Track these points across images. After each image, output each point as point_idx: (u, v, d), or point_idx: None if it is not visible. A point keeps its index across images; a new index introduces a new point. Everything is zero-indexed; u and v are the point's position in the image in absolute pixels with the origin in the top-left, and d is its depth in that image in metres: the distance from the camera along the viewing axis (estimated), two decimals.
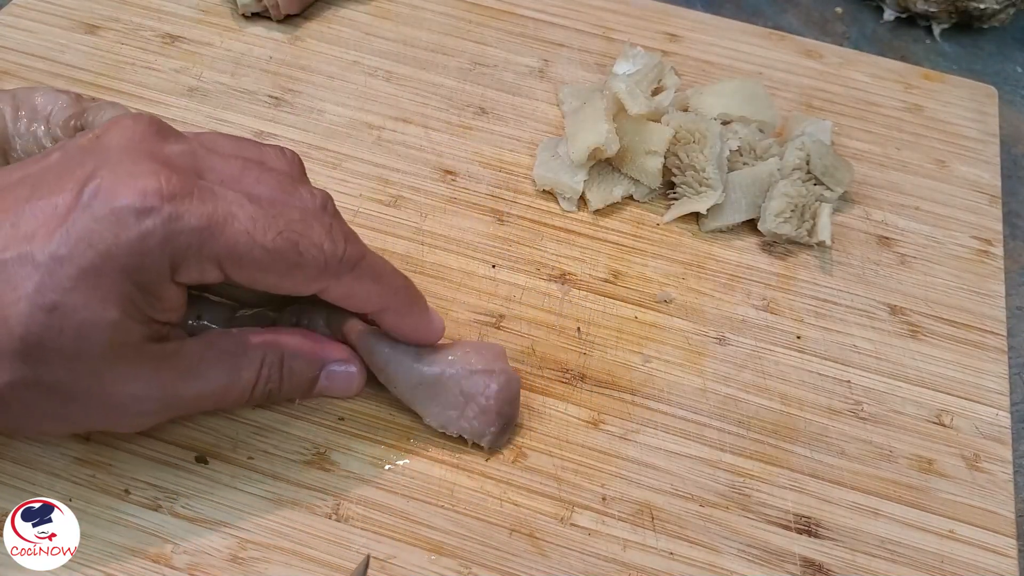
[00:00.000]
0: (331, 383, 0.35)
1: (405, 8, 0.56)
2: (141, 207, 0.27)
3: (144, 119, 0.31)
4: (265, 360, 0.33)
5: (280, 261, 0.30)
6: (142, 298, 0.29)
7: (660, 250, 0.46)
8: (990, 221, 0.50)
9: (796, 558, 0.36)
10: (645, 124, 0.46)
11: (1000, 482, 0.39)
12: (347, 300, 0.33)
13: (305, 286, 0.32)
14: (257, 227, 0.29)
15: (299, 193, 0.32)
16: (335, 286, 0.32)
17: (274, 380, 0.33)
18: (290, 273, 0.31)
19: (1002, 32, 0.64)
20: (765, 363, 0.42)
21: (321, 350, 0.35)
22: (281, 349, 0.34)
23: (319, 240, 0.31)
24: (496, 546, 0.34)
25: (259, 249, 0.29)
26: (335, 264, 0.31)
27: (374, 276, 0.33)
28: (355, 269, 0.32)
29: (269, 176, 0.31)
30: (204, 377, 0.32)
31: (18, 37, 0.50)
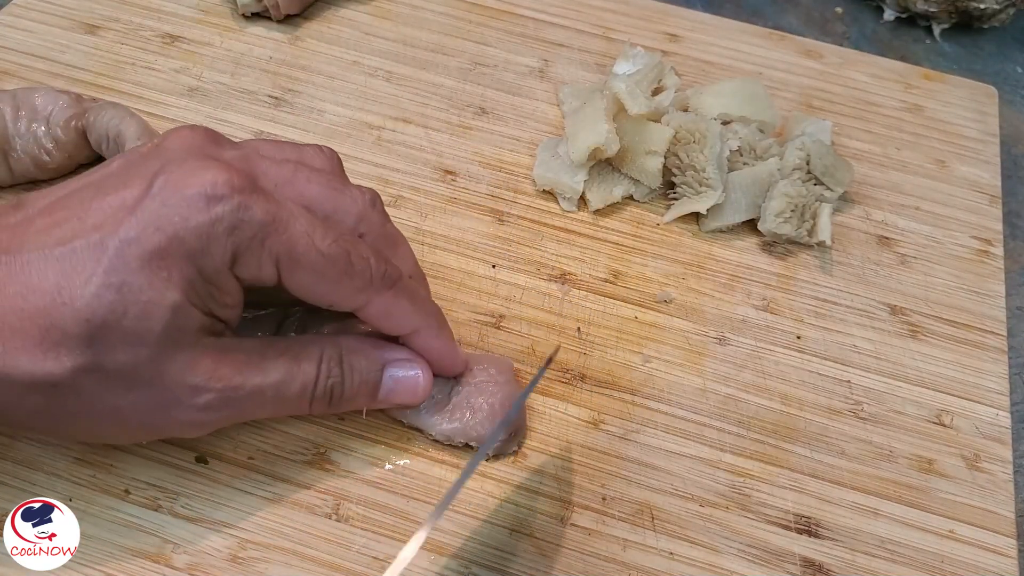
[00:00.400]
0: (397, 386, 0.35)
1: (405, 8, 0.56)
2: (212, 194, 0.28)
3: (200, 128, 0.32)
4: (324, 355, 0.33)
5: (332, 268, 0.31)
6: (203, 286, 0.29)
7: (660, 250, 0.46)
8: (990, 221, 0.50)
9: (796, 558, 0.36)
10: (645, 124, 0.46)
11: (1000, 482, 0.39)
12: (384, 319, 0.33)
13: (351, 297, 0.32)
14: (316, 232, 0.30)
15: (349, 192, 0.33)
16: (376, 302, 0.32)
17: (335, 376, 0.33)
18: (339, 282, 0.31)
19: (1002, 32, 0.64)
20: (765, 363, 0.42)
21: (382, 348, 0.35)
22: (340, 345, 0.34)
23: (367, 254, 0.32)
24: (496, 546, 0.34)
25: (316, 253, 0.30)
26: (379, 278, 0.32)
27: (411, 296, 0.34)
28: (395, 287, 0.33)
29: (318, 176, 0.33)
30: (264, 371, 0.32)
31: (18, 37, 0.50)
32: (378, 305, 0.33)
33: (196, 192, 0.28)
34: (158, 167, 0.29)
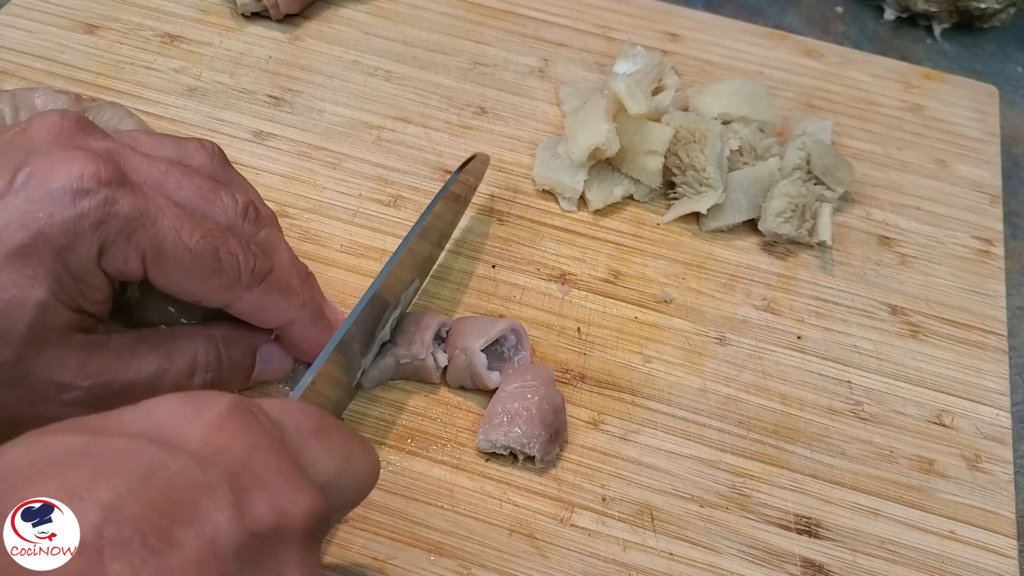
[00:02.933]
0: (268, 365, 0.36)
1: (405, 8, 0.56)
2: (78, 188, 0.28)
3: (71, 115, 0.31)
4: (200, 349, 0.33)
5: (200, 264, 0.30)
6: (71, 282, 0.29)
7: (660, 250, 0.46)
8: (991, 221, 0.49)
9: (796, 559, 0.36)
10: (645, 124, 0.46)
11: (1001, 482, 0.39)
12: (256, 314, 0.34)
13: (219, 294, 0.32)
14: (184, 228, 0.30)
15: (219, 199, 0.33)
16: (245, 298, 0.32)
17: (213, 369, 0.33)
18: (206, 279, 0.31)
19: (1003, 32, 0.64)
20: (765, 363, 0.42)
21: (253, 335, 0.35)
22: (216, 337, 0.34)
23: (235, 250, 0.31)
24: (496, 546, 0.34)
25: (183, 248, 0.30)
26: (248, 274, 0.32)
27: (282, 290, 0.34)
28: (264, 282, 0.33)
29: (190, 181, 0.32)
30: (135, 366, 0.31)
31: (18, 37, 0.50)
32: (248, 301, 0.33)
33: (61, 186, 0.28)
34: (22, 158, 0.29)
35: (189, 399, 0.24)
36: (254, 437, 0.24)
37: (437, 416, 0.38)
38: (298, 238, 0.43)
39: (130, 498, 0.20)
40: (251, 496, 0.22)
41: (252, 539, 0.22)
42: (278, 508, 0.23)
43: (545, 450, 0.36)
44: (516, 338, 0.39)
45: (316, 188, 0.45)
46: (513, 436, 0.35)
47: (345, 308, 0.40)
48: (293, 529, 0.23)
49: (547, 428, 0.36)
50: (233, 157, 0.46)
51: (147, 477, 0.21)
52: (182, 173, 0.32)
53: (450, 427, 0.37)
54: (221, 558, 0.21)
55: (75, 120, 0.31)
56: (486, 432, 0.36)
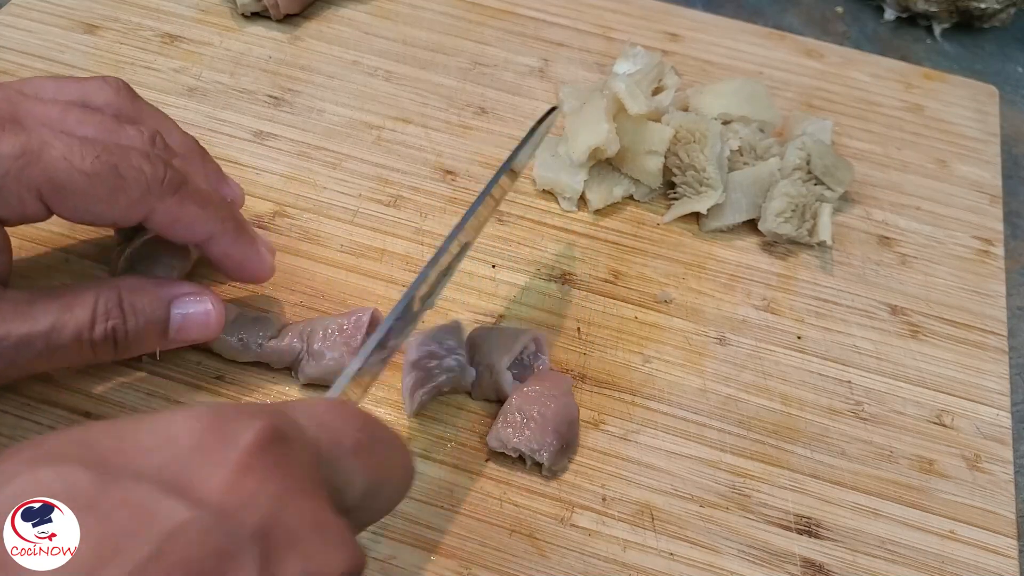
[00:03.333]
0: (187, 322, 0.33)
1: (405, 8, 0.56)
2: None
3: None
4: (100, 297, 0.32)
5: (101, 185, 0.29)
6: None
7: (660, 250, 0.46)
8: (991, 221, 0.49)
9: (796, 559, 0.36)
10: (645, 124, 0.46)
11: (1001, 482, 0.39)
12: (173, 227, 0.32)
13: (130, 211, 0.31)
14: (74, 154, 0.29)
15: (124, 131, 0.32)
16: (160, 210, 0.31)
17: (115, 317, 0.32)
18: (112, 198, 0.30)
19: (1003, 32, 0.64)
20: (765, 363, 0.42)
21: (166, 286, 0.34)
22: (118, 286, 0.32)
23: (138, 163, 0.30)
24: (496, 546, 0.34)
25: (78, 174, 0.29)
26: (157, 185, 0.31)
27: (199, 201, 0.32)
28: (179, 192, 0.31)
29: (91, 117, 0.31)
30: (31, 318, 0.30)
31: (18, 37, 0.50)
32: (163, 213, 0.31)
33: None
34: None
35: (215, 423, 0.21)
36: (287, 479, 0.21)
37: (437, 415, 0.38)
38: (298, 238, 0.43)
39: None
40: (282, 560, 0.20)
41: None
42: (311, 571, 0.20)
43: (554, 459, 0.36)
44: (536, 345, 0.39)
45: (316, 188, 0.45)
46: (524, 439, 0.35)
47: (343, 307, 0.40)
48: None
49: (560, 438, 0.36)
50: (233, 157, 0.46)
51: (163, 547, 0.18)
52: (82, 112, 0.31)
53: (450, 427, 0.37)
54: None
55: None
56: (498, 431, 0.36)
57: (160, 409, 0.35)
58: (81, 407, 0.36)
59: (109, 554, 0.18)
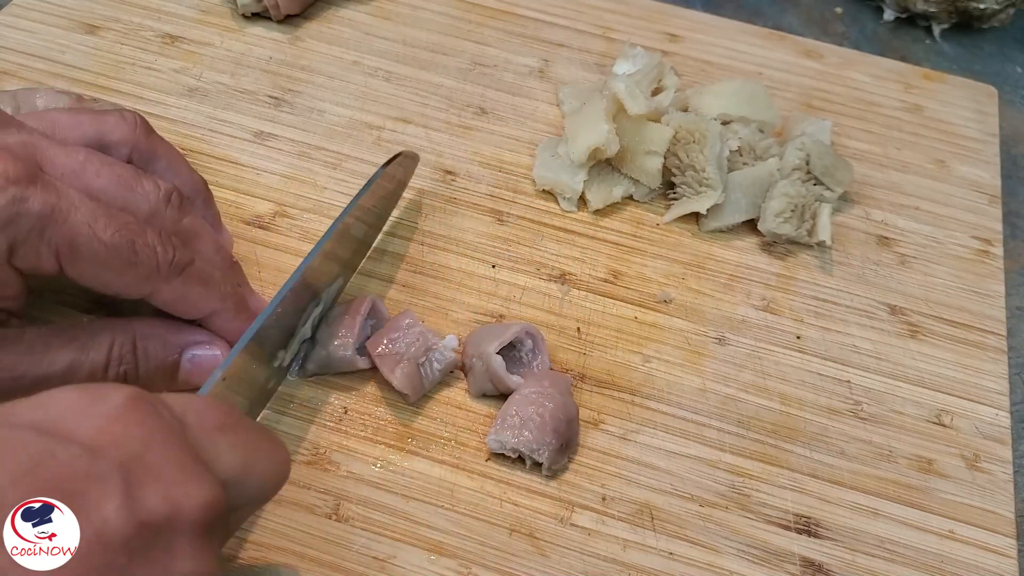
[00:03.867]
0: (195, 367, 0.35)
1: (405, 8, 0.56)
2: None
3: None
4: (115, 341, 0.33)
5: (116, 258, 0.30)
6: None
7: (660, 250, 0.46)
8: (990, 221, 0.50)
9: (796, 558, 0.36)
10: (645, 124, 0.46)
11: (1000, 482, 0.39)
12: (176, 304, 0.34)
13: (137, 286, 0.32)
14: (98, 222, 0.30)
15: (140, 186, 0.32)
16: (165, 290, 0.32)
17: (128, 362, 0.33)
18: (123, 272, 0.31)
19: (1002, 32, 0.64)
20: (765, 363, 0.42)
21: (179, 331, 0.35)
22: (133, 330, 0.34)
23: (153, 243, 0.31)
24: (496, 546, 0.34)
25: (97, 243, 0.30)
26: (166, 266, 0.32)
27: (202, 281, 0.33)
28: (183, 273, 0.32)
29: (109, 171, 0.32)
30: (49, 359, 0.31)
31: (18, 37, 0.50)
32: (167, 293, 0.32)
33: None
34: None
35: (85, 390, 0.24)
36: (151, 429, 0.23)
37: (437, 415, 0.38)
38: (298, 238, 0.43)
39: (12, 489, 0.21)
40: (143, 487, 0.22)
41: (142, 530, 0.22)
42: (171, 499, 0.22)
43: (554, 459, 0.36)
44: (533, 342, 0.39)
45: (316, 188, 0.45)
46: (523, 440, 0.35)
47: None
48: (187, 520, 0.23)
49: (559, 437, 0.36)
50: (234, 157, 0.46)
51: (32, 468, 0.21)
52: (101, 162, 0.32)
53: (450, 426, 0.37)
54: (108, 549, 0.21)
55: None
56: (497, 432, 0.36)
57: None
58: None
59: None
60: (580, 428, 0.38)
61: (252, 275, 0.41)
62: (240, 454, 0.26)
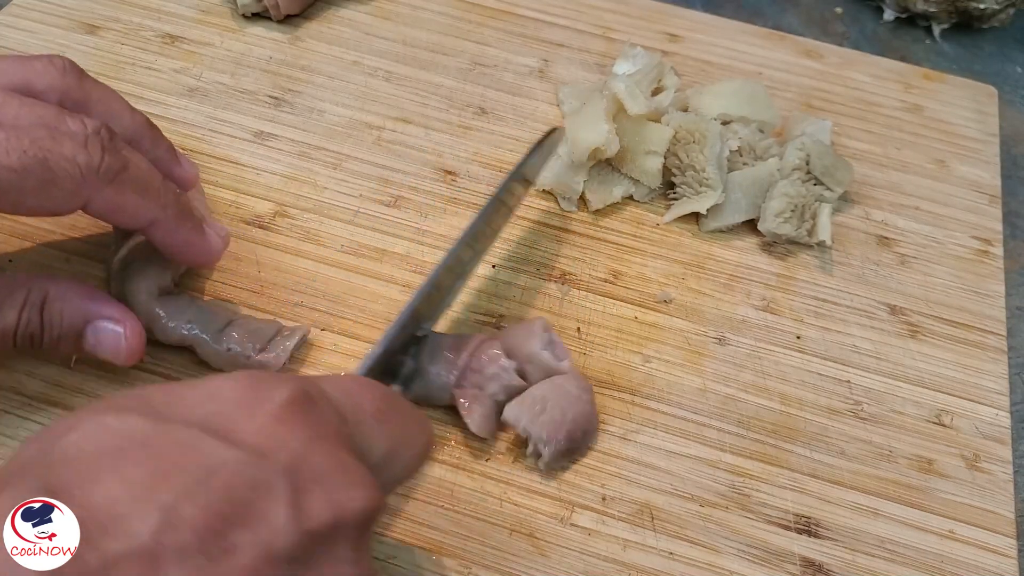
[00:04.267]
0: (98, 342, 0.34)
1: (405, 8, 0.56)
2: None
3: None
4: (28, 300, 0.32)
5: (30, 179, 0.29)
6: None
7: (660, 250, 0.46)
8: (990, 221, 0.50)
9: (796, 558, 0.36)
10: (645, 124, 0.46)
11: (1000, 482, 0.39)
12: (113, 215, 0.32)
13: (65, 202, 0.31)
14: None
15: (64, 124, 0.31)
16: (97, 199, 0.31)
17: (34, 324, 0.32)
18: (43, 191, 0.30)
19: (1002, 32, 0.64)
20: (765, 363, 0.42)
21: (91, 302, 0.34)
22: (46, 288, 0.33)
23: (71, 153, 0.30)
24: (496, 546, 0.34)
25: (4, 171, 0.29)
26: (92, 175, 0.30)
27: (139, 188, 0.32)
28: (115, 181, 0.31)
29: (29, 111, 0.31)
30: None
31: (18, 37, 0.50)
32: (100, 202, 0.31)
33: None
34: None
35: (253, 384, 0.24)
36: (314, 428, 0.23)
37: (437, 415, 0.38)
38: (299, 238, 0.43)
39: (189, 502, 0.20)
40: (309, 493, 0.22)
41: (308, 538, 0.21)
42: (335, 504, 0.22)
43: (554, 458, 0.36)
44: (554, 345, 0.38)
45: (317, 188, 0.45)
46: (536, 426, 0.35)
47: (344, 307, 0.41)
48: (349, 525, 0.23)
49: (570, 441, 0.36)
50: (234, 157, 0.46)
51: (206, 477, 0.21)
52: (20, 103, 0.31)
53: (450, 427, 0.37)
54: (276, 562, 0.21)
55: None
56: (517, 407, 0.35)
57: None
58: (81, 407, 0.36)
59: (162, 480, 0.20)
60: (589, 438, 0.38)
61: (252, 275, 0.41)
62: (393, 438, 0.26)
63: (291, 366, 0.38)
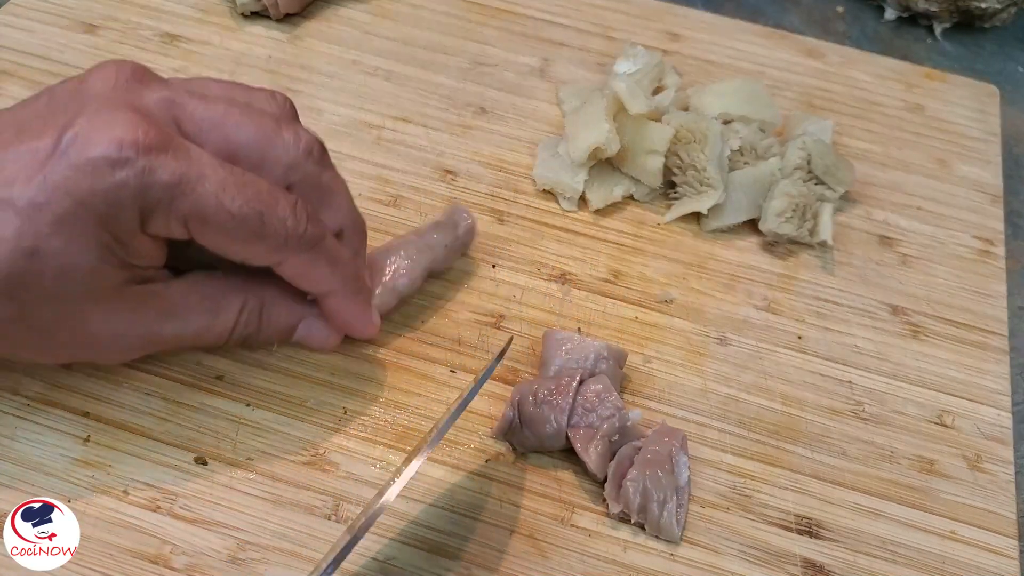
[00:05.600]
0: (310, 334, 0.36)
1: (405, 7, 0.56)
2: (116, 158, 0.28)
3: (127, 65, 0.31)
4: (246, 306, 0.34)
5: (243, 229, 0.30)
6: (118, 246, 0.30)
7: (661, 250, 0.46)
8: (992, 221, 0.49)
9: (797, 559, 0.35)
10: (646, 123, 0.46)
11: (1001, 483, 0.39)
12: (299, 278, 0.34)
13: (264, 257, 0.32)
14: (226, 192, 0.30)
15: (280, 137, 0.32)
16: (292, 262, 0.32)
17: (252, 324, 0.34)
18: (251, 243, 0.31)
19: (1003, 31, 0.64)
20: (766, 363, 0.42)
21: (302, 303, 0.36)
22: (263, 295, 0.34)
23: (283, 214, 0.31)
24: (496, 547, 0.34)
25: (225, 214, 0.30)
26: (295, 241, 0.32)
27: (330, 260, 0.33)
28: (313, 249, 0.32)
29: (249, 120, 0.31)
30: (184, 319, 0.33)
31: (18, 37, 0.50)
32: (294, 266, 0.33)
33: (101, 155, 0.28)
34: (72, 115, 0.29)
35: None
36: None
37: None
38: None
39: None
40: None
41: None
42: None
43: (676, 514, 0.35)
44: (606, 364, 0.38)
45: None
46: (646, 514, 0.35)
47: None
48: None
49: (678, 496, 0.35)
50: None
51: None
52: (241, 112, 0.31)
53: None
54: None
55: (131, 71, 0.31)
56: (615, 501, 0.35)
57: None
58: (81, 407, 0.36)
59: None
60: None
61: None
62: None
63: None
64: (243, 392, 0.37)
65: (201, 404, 0.37)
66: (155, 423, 0.36)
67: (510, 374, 0.39)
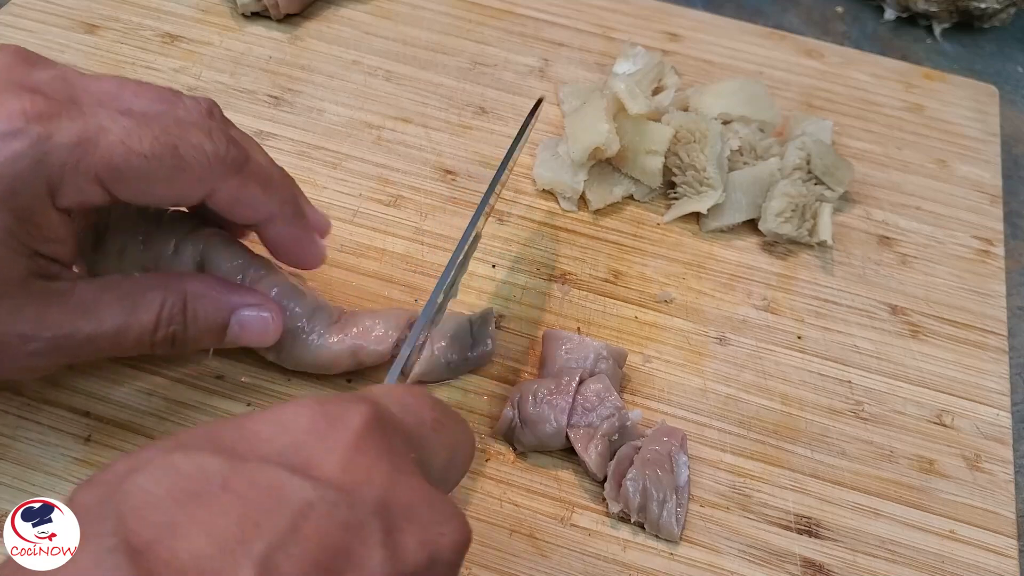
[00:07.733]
0: (244, 329, 0.34)
1: (405, 8, 0.56)
2: (6, 130, 0.27)
3: (9, 49, 0.30)
4: (166, 303, 0.32)
5: (161, 167, 0.29)
6: (21, 228, 0.28)
7: (660, 250, 0.46)
8: (991, 221, 0.49)
9: (797, 558, 0.36)
10: (645, 124, 0.46)
11: (1001, 482, 0.39)
12: (234, 207, 0.32)
13: (191, 191, 0.30)
14: (132, 136, 0.28)
15: (180, 102, 0.31)
16: (222, 190, 0.31)
17: (177, 323, 0.32)
18: (174, 179, 0.29)
19: (1003, 32, 0.64)
20: (766, 363, 0.42)
21: (229, 294, 0.34)
22: (184, 291, 0.32)
23: (198, 141, 0.30)
24: (496, 546, 0.34)
25: (136, 157, 0.28)
26: (219, 164, 0.30)
27: (261, 181, 0.32)
28: (241, 171, 0.31)
29: (147, 90, 0.30)
30: (98, 318, 0.30)
31: (18, 37, 0.50)
32: (225, 193, 0.31)
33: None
34: None
35: (322, 411, 0.23)
36: (391, 456, 0.23)
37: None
38: None
39: (283, 552, 0.19)
40: (402, 532, 0.21)
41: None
42: (428, 542, 0.22)
43: (675, 514, 0.35)
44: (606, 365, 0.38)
45: (316, 188, 0.45)
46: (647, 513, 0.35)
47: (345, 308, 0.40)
48: (443, 563, 0.22)
49: (677, 495, 0.35)
50: None
51: (296, 523, 0.20)
52: (137, 84, 0.30)
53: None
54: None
55: (15, 53, 0.30)
56: (613, 498, 0.35)
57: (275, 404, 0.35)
58: (81, 407, 0.36)
59: (251, 529, 0.19)
60: None
61: None
62: (448, 447, 0.26)
63: None
64: (243, 392, 0.37)
65: (201, 404, 0.37)
66: (156, 423, 0.36)
67: (510, 374, 0.39)
